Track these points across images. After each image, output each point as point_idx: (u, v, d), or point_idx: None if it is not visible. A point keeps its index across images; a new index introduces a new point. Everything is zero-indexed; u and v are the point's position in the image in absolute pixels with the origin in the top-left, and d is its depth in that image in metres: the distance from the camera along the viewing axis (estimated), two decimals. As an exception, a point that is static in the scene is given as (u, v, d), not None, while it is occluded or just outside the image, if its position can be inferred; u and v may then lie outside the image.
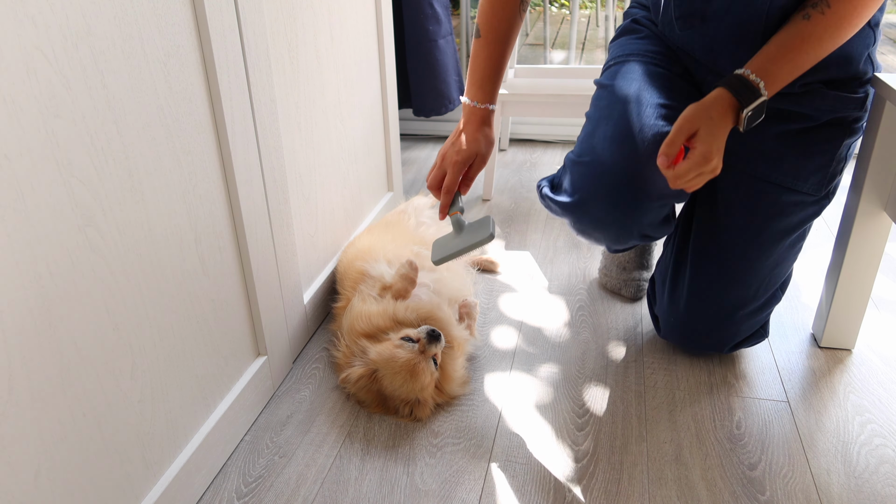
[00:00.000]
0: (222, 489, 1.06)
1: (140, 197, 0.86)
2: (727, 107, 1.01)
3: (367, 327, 1.21)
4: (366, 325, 1.21)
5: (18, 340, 0.70)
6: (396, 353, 1.14)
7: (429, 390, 1.17)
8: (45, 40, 0.70)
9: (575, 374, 1.30)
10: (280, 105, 1.21)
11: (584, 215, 1.17)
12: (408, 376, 1.13)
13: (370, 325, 1.21)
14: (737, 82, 1.01)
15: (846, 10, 0.98)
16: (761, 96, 1.00)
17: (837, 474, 1.06)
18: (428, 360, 1.15)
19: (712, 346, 1.29)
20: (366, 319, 1.21)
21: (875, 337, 1.38)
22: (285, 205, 1.25)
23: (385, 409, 1.19)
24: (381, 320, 1.21)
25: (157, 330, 0.92)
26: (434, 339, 1.15)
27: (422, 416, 1.18)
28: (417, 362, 1.13)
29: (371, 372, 1.16)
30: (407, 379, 1.13)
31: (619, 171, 1.11)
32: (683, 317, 1.26)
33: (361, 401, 1.21)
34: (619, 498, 1.03)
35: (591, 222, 1.18)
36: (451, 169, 1.18)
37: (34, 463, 0.73)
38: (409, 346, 1.14)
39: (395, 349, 1.14)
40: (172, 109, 0.91)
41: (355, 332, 1.21)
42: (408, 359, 1.13)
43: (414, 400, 1.17)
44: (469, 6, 2.59)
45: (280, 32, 1.20)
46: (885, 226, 1.21)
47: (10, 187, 0.67)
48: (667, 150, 1.01)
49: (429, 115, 2.37)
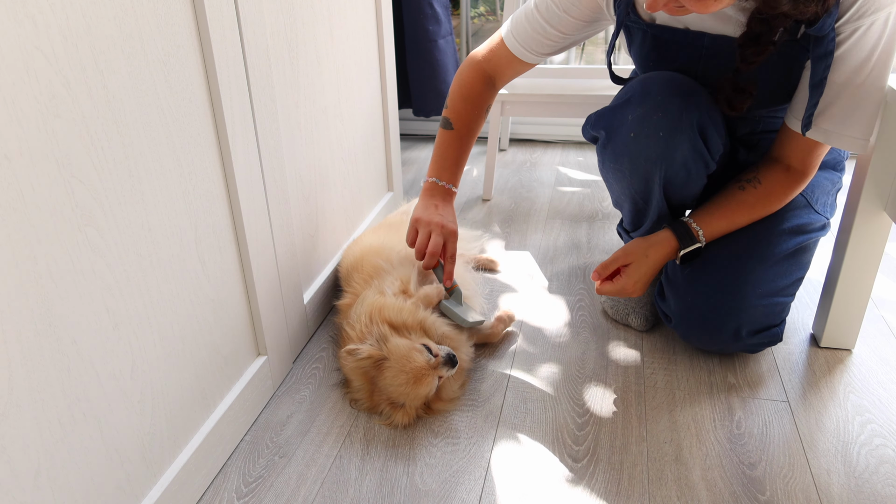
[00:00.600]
0: (222, 489, 1.06)
1: (140, 197, 0.86)
2: (668, 247, 1.24)
3: (395, 318, 1.19)
4: (395, 316, 1.20)
5: (18, 340, 0.70)
6: (413, 355, 1.13)
7: (419, 402, 1.17)
8: (45, 40, 0.70)
9: (575, 374, 1.30)
10: (280, 105, 1.21)
11: (643, 99, 1.18)
12: (411, 380, 1.13)
13: (399, 318, 1.20)
14: (681, 228, 1.24)
15: (773, 188, 1.22)
16: (698, 243, 1.24)
17: (837, 474, 1.06)
18: (434, 378, 1.15)
19: (727, 335, 1.24)
20: (397, 311, 1.20)
21: (875, 337, 1.38)
22: (285, 205, 1.25)
23: (370, 400, 1.19)
24: (411, 319, 1.20)
25: (157, 330, 0.92)
26: (450, 365, 1.15)
27: (398, 423, 1.17)
28: (426, 374, 1.13)
29: (381, 357, 1.15)
30: (408, 382, 1.13)
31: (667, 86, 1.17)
32: (699, 305, 1.24)
33: (350, 381, 1.21)
34: (619, 498, 1.03)
35: (652, 105, 1.17)
36: (452, 239, 1.30)
37: (34, 463, 0.73)
38: (427, 355, 1.14)
39: (413, 350, 1.14)
40: (172, 109, 0.91)
41: (382, 317, 1.20)
42: (420, 366, 1.13)
43: (400, 404, 1.16)
44: (469, 6, 2.59)
45: (280, 32, 1.20)
46: (885, 226, 1.21)
47: (10, 187, 0.67)
48: (601, 270, 1.25)
49: (429, 115, 2.37)
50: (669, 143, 1.16)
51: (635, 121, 1.18)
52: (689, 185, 1.24)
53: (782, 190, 1.23)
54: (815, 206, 1.30)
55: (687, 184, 1.23)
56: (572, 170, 2.34)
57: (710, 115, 1.17)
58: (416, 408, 1.17)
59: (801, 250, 1.25)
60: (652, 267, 1.23)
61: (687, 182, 1.23)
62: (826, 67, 1.05)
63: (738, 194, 1.24)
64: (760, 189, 1.23)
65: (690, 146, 1.16)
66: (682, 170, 1.20)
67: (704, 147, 1.18)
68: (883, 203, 1.19)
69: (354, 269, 1.37)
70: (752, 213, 1.24)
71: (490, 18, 2.84)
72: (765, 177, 1.23)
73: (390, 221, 1.59)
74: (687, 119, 1.15)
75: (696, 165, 1.20)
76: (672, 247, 1.24)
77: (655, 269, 1.24)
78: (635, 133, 1.19)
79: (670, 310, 1.30)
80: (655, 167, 1.20)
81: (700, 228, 1.23)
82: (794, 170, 1.21)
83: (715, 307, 1.22)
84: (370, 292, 1.27)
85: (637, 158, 1.21)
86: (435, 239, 1.27)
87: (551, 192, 2.15)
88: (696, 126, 1.15)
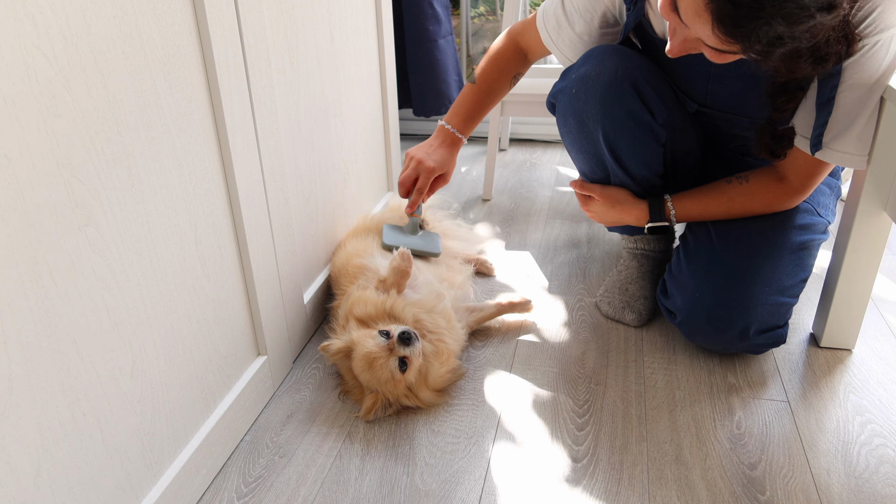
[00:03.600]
0: (222, 489, 1.06)
1: (140, 197, 0.86)
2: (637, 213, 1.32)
3: (360, 312, 1.24)
4: (360, 310, 1.24)
5: (18, 340, 0.70)
6: (365, 342, 1.16)
7: (391, 389, 1.17)
8: (45, 40, 0.70)
9: (575, 374, 1.30)
10: (280, 105, 1.21)
11: (586, 60, 1.26)
12: (367, 366, 1.16)
13: (364, 311, 1.23)
14: (656, 204, 1.31)
15: (758, 190, 1.24)
16: (667, 222, 1.31)
17: (837, 474, 1.06)
18: (391, 359, 1.15)
19: (735, 333, 1.23)
20: (362, 304, 1.24)
21: (875, 337, 1.38)
22: (285, 205, 1.25)
23: (360, 391, 1.21)
24: (375, 309, 1.23)
25: (157, 330, 0.92)
26: (404, 342, 1.15)
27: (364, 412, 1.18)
28: (377, 357, 1.14)
29: (348, 349, 1.19)
30: (365, 368, 1.16)
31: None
32: (707, 302, 1.23)
33: (341, 375, 1.26)
34: (619, 498, 1.03)
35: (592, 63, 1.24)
36: (425, 174, 1.39)
37: (34, 463, 0.73)
38: (380, 339, 1.16)
39: (366, 337, 1.17)
40: (172, 109, 0.91)
41: (350, 314, 1.25)
42: (369, 351, 1.15)
43: (378, 393, 1.18)
44: (469, 6, 2.59)
45: (280, 32, 1.20)
46: (885, 226, 1.21)
47: (10, 187, 0.67)
48: (578, 186, 1.39)
49: (429, 115, 2.37)
50: (606, 99, 1.22)
51: (577, 79, 1.26)
52: (638, 150, 1.26)
53: (768, 195, 1.24)
54: (818, 208, 1.30)
55: (634, 148, 1.26)
56: (572, 170, 2.34)
57: (646, 78, 1.23)
58: (393, 397, 1.18)
59: (805, 251, 1.25)
60: (613, 217, 1.37)
61: (633, 145, 1.26)
62: (833, 87, 1.05)
63: (721, 185, 1.28)
64: (745, 186, 1.25)
65: (627, 103, 1.22)
66: (623, 130, 1.24)
67: (644, 107, 1.22)
68: (883, 203, 1.19)
69: (341, 274, 1.40)
70: (729, 206, 1.26)
71: (490, 18, 2.84)
72: (755, 177, 1.25)
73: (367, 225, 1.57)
74: (622, 75, 1.21)
75: (638, 127, 1.24)
76: (641, 215, 1.32)
77: (615, 221, 1.38)
78: (577, 89, 1.26)
79: (675, 306, 1.29)
80: (597, 124, 1.26)
81: (674, 209, 1.30)
82: (788, 182, 1.22)
83: (723, 304, 1.22)
84: (353, 289, 1.30)
85: (579, 115, 1.28)
86: (408, 172, 1.39)
87: (551, 192, 2.15)
88: (629, 83, 1.21)
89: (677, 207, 1.30)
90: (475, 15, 2.80)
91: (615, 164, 1.30)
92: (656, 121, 1.24)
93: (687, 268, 1.27)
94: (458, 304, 1.39)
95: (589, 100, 1.24)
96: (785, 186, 1.22)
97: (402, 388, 1.18)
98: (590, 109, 1.25)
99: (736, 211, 1.27)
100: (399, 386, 1.17)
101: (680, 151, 1.32)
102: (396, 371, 1.15)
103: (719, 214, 1.28)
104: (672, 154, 1.31)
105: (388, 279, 1.27)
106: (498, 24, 2.78)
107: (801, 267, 1.24)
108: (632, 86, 1.21)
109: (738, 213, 1.27)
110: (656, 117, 1.24)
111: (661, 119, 1.24)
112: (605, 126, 1.25)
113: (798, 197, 1.23)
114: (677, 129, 1.29)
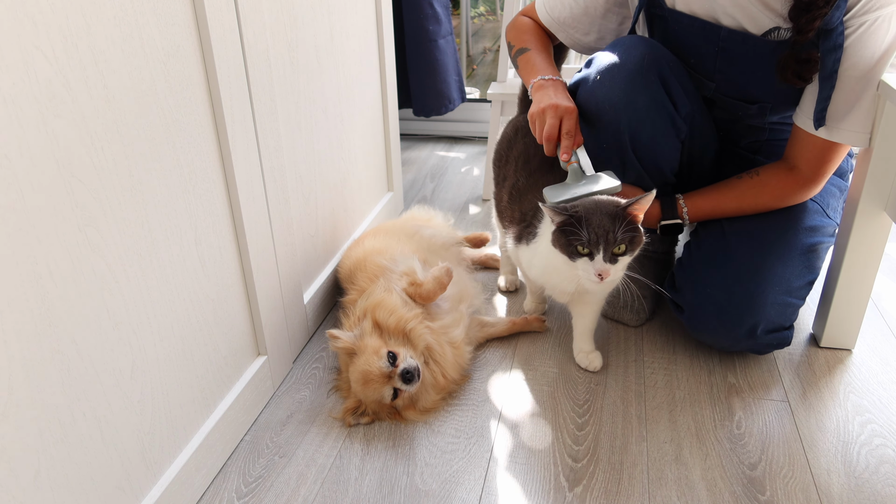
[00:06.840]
0: (222, 489, 1.06)
1: (140, 197, 0.86)
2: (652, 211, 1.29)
3: (382, 319, 1.21)
4: (383, 317, 1.21)
5: (18, 340, 0.70)
6: (369, 358, 1.14)
7: (375, 406, 1.18)
8: (45, 40, 0.70)
9: (575, 374, 1.30)
10: (280, 105, 1.21)
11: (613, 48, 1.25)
12: (361, 380, 1.15)
13: (385, 320, 1.21)
14: (668, 202, 1.29)
15: (769, 181, 1.24)
16: (679, 220, 1.29)
17: (837, 474, 1.06)
18: (386, 386, 1.14)
19: (743, 331, 1.22)
20: (386, 313, 1.21)
21: (875, 337, 1.38)
22: (285, 205, 1.25)
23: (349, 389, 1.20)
24: (396, 325, 1.20)
25: (157, 330, 0.92)
26: (404, 380, 1.14)
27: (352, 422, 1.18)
28: (373, 378, 1.13)
29: (351, 350, 1.18)
30: (358, 380, 1.15)
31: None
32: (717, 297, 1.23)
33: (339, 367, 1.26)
34: (619, 498, 1.03)
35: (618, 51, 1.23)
36: (568, 116, 1.20)
37: (34, 463, 0.73)
38: (384, 363, 1.14)
39: (374, 354, 1.15)
40: (172, 109, 0.91)
41: (371, 313, 1.22)
42: (368, 370, 1.14)
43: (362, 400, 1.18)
44: (469, 6, 2.59)
45: (280, 32, 1.20)
46: (885, 226, 1.21)
47: (10, 187, 0.67)
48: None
49: (429, 115, 2.37)
50: (631, 87, 1.20)
51: (602, 66, 1.24)
52: (658, 142, 1.23)
53: (779, 185, 1.23)
54: (827, 210, 1.30)
55: (654, 139, 1.23)
56: (572, 170, 2.33)
57: (672, 70, 1.21)
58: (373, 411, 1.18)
59: (813, 253, 1.25)
60: None
61: (654, 136, 1.22)
62: (836, 60, 1.06)
63: (732, 181, 1.28)
64: (756, 179, 1.25)
65: (652, 92, 1.20)
66: (646, 121, 1.21)
67: (668, 98, 1.21)
68: (883, 203, 1.19)
69: (358, 269, 1.37)
70: (741, 201, 1.26)
71: (490, 18, 2.84)
72: (766, 170, 1.25)
73: (387, 228, 1.57)
74: (649, 64, 1.19)
75: (660, 118, 1.21)
76: (653, 213, 1.30)
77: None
78: (601, 75, 1.23)
79: (684, 300, 1.28)
80: (620, 114, 1.22)
81: (686, 206, 1.29)
82: (799, 171, 1.21)
83: (733, 300, 1.21)
84: (378, 289, 1.27)
85: (602, 104, 1.23)
86: (550, 121, 1.21)
87: (551, 192, 2.15)
88: (657, 74, 1.19)
89: (689, 205, 1.29)
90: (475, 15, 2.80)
91: (633, 156, 1.26)
92: (679, 113, 1.22)
93: (698, 262, 1.27)
94: (472, 317, 1.37)
95: (613, 86, 1.21)
96: (796, 176, 1.22)
97: (387, 409, 1.18)
98: (613, 96, 1.21)
99: (747, 205, 1.26)
100: (384, 408, 1.18)
101: (697, 150, 1.30)
102: (387, 397, 1.15)
103: (731, 210, 1.27)
104: (689, 153, 1.29)
105: (426, 286, 1.25)
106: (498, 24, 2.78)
107: (809, 269, 1.24)
108: (658, 75, 1.20)
109: (750, 208, 1.26)
110: (679, 110, 1.22)
111: (684, 112, 1.22)
112: (627, 114, 1.21)
113: (809, 188, 1.23)
114: (697, 125, 1.27)
